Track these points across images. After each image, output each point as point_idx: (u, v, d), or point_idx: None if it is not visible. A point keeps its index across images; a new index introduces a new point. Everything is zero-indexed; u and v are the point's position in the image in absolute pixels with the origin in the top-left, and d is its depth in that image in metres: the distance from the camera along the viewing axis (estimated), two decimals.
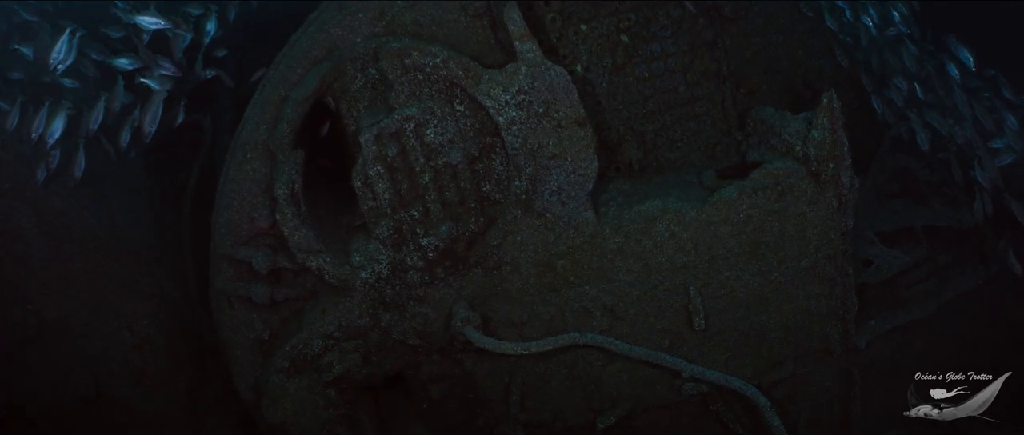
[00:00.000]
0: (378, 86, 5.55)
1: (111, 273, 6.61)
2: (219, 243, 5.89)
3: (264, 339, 6.04)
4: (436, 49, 5.28)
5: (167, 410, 6.69)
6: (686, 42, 6.25)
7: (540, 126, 5.25)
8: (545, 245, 5.52)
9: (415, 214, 5.46)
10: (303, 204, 5.59)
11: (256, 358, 6.07)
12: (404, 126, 5.30)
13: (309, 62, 5.59)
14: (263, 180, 5.71)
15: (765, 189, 5.58)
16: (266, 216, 5.68)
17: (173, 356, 6.76)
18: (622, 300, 5.65)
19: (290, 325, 5.99)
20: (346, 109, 5.66)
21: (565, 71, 5.21)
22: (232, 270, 5.93)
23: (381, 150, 5.32)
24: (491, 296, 5.66)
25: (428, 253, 5.51)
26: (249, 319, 6.01)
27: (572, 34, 6.08)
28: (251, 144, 5.69)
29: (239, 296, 5.95)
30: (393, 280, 5.58)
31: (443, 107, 5.32)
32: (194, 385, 6.81)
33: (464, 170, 5.42)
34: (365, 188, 5.47)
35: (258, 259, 5.78)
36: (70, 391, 6.45)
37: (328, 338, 5.78)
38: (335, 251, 5.68)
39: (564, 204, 5.45)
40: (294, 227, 5.53)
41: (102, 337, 6.57)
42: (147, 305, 6.72)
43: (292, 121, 5.53)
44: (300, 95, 5.51)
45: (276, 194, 5.47)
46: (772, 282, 5.79)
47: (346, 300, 5.72)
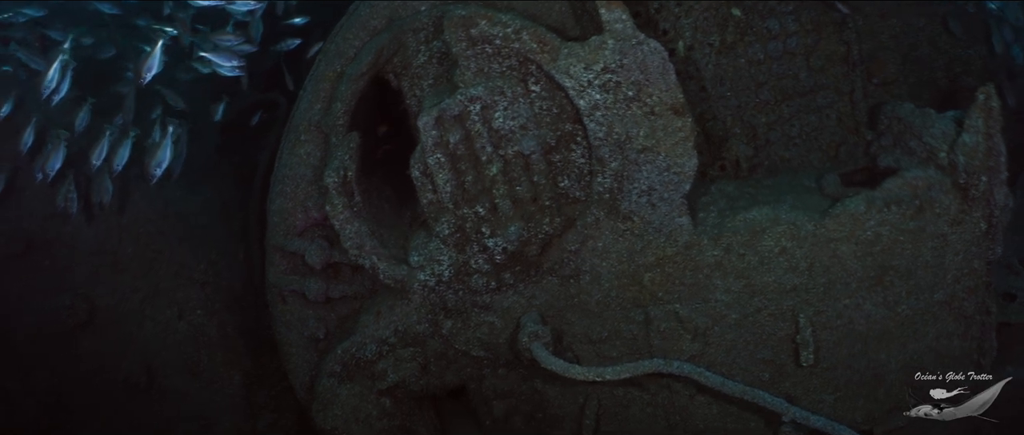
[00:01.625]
0: (444, 61, 5.05)
1: (163, 259, 6.37)
2: (272, 233, 5.58)
3: (319, 338, 5.69)
4: (508, 18, 4.76)
5: (221, 404, 6.43)
6: (810, 20, 5.75)
7: (629, 112, 4.70)
8: (631, 254, 4.98)
9: (481, 211, 5.00)
10: (358, 194, 5.17)
11: (311, 357, 5.72)
12: (469, 108, 4.80)
13: (367, 33, 5.16)
14: (317, 165, 5.36)
15: (900, 203, 4.77)
16: (320, 205, 5.31)
17: (229, 349, 6.49)
18: (718, 323, 5.02)
19: (348, 325, 5.63)
20: (408, 88, 5.20)
21: (661, 47, 4.65)
22: (285, 263, 5.62)
23: (442, 136, 4.85)
24: (566, 308, 5.18)
25: (495, 256, 5.05)
26: (303, 316, 5.68)
27: (674, 5, 5.60)
28: (305, 125, 5.33)
29: (293, 291, 5.63)
30: (455, 284, 5.17)
31: (515, 87, 4.82)
32: (250, 380, 6.52)
33: (538, 162, 4.91)
34: (424, 179, 4.97)
35: (312, 253, 5.45)
36: (121, 380, 6.25)
37: (383, 343, 5.36)
38: (392, 248, 5.24)
39: (655, 207, 4.88)
40: (345, 220, 5.09)
41: (155, 325, 6.35)
42: (201, 294, 6.46)
43: (346, 100, 5.10)
44: (356, 71, 5.08)
45: (325, 182, 5.06)
46: (898, 315, 4.96)
47: (403, 303, 5.28)
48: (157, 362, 6.30)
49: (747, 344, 5.05)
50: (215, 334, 6.45)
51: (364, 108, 5.38)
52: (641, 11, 5.69)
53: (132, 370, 6.23)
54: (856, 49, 5.81)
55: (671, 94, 4.71)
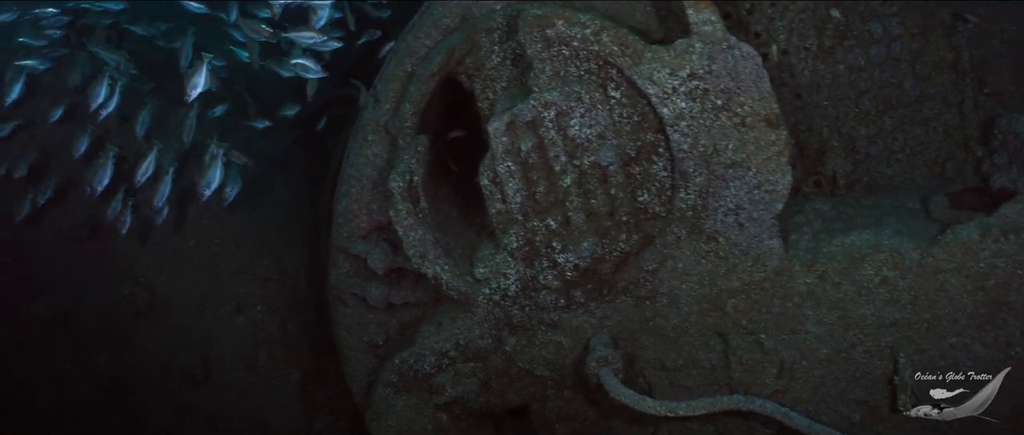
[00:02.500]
0: (519, 63, 4.76)
1: (226, 253, 6.38)
2: (336, 234, 5.41)
3: (378, 344, 5.54)
4: (587, 18, 4.46)
5: (277, 402, 6.40)
6: (916, 22, 5.38)
7: (717, 123, 4.37)
8: (714, 277, 4.66)
9: (552, 224, 4.73)
10: (424, 200, 4.94)
11: (369, 362, 5.57)
12: (543, 114, 4.52)
13: (440, 32, 4.92)
14: (384, 168, 5.17)
15: (1019, 232, 4.32)
16: (385, 209, 5.08)
17: (289, 346, 6.46)
18: (806, 358, 4.65)
19: (408, 333, 5.44)
20: (480, 90, 4.94)
21: (754, 52, 4.31)
22: (348, 265, 5.45)
23: (514, 142, 4.59)
24: (640, 331, 4.89)
25: (565, 272, 4.78)
26: (364, 320, 5.53)
27: (767, 6, 5.23)
28: (372, 126, 5.14)
29: (354, 294, 5.47)
30: (522, 299, 4.93)
31: (593, 92, 4.53)
32: (308, 379, 6.48)
33: (616, 174, 4.63)
34: (493, 187, 4.73)
35: (375, 256, 5.26)
36: (178, 370, 6.28)
37: (442, 356, 5.15)
38: (457, 258, 5.01)
39: (743, 227, 4.54)
40: (409, 226, 4.87)
41: (215, 319, 6.37)
42: (263, 290, 6.43)
43: (416, 102, 4.89)
44: (426, 71, 4.85)
45: (390, 186, 4.85)
46: (1011, 358, 4.50)
47: (466, 316, 5.06)
48: (215, 355, 6.31)
49: (838, 382, 4.65)
50: (276, 331, 6.42)
51: (434, 110, 5.17)
52: (731, 12, 5.33)
53: (189, 361, 6.26)
54: (966, 55, 5.47)
55: (764, 104, 4.35)
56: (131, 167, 5.84)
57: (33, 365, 6.38)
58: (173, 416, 6.30)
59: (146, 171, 5.67)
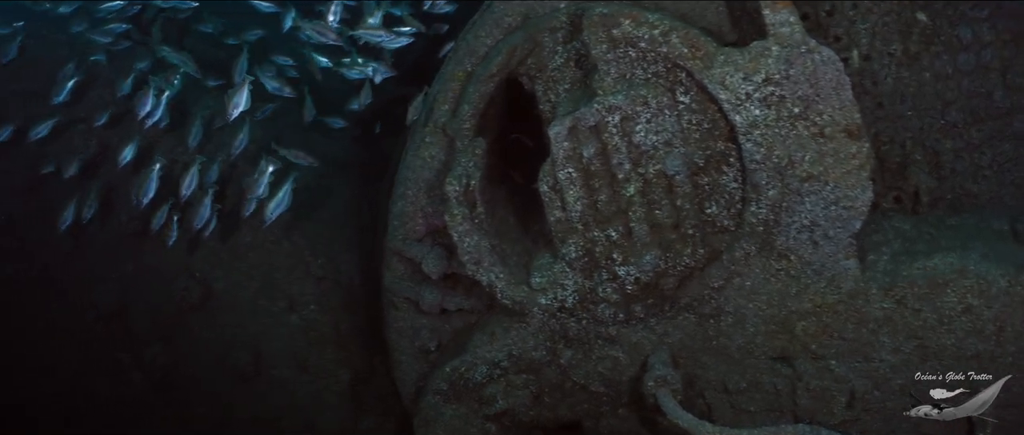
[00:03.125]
0: (583, 64, 4.58)
1: (281, 250, 6.36)
2: (391, 236, 5.31)
3: (430, 350, 5.43)
4: (656, 18, 4.24)
5: (326, 401, 6.35)
6: (1008, 28, 5.10)
7: (794, 133, 4.13)
8: (783, 297, 4.44)
9: (613, 235, 4.53)
10: (480, 204, 4.79)
11: (420, 368, 5.47)
12: (607, 119, 4.31)
13: (500, 31, 4.76)
14: (441, 170, 5.03)
15: None
16: (441, 212, 4.94)
17: (340, 346, 6.39)
18: (879, 388, 4.44)
19: (460, 340, 5.32)
20: (542, 92, 4.77)
21: (836, 56, 4.06)
22: (402, 268, 5.35)
23: (576, 148, 4.40)
24: (701, 350, 4.70)
25: (626, 285, 4.59)
26: (416, 325, 5.43)
27: (849, 7, 4.98)
28: (430, 127, 5.02)
29: (407, 298, 5.37)
30: (579, 312, 4.76)
31: (660, 97, 4.30)
32: (358, 380, 6.41)
33: (683, 184, 4.41)
34: (553, 194, 4.54)
35: (430, 261, 5.14)
36: (229, 366, 6.29)
37: (494, 366, 5.02)
38: (513, 266, 4.86)
39: (817, 246, 4.31)
40: (464, 232, 4.73)
41: (267, 316, 6.36)
42: (316, 289, 6.38)
43: (475, 103, 4.75)
44: (486, 71, 4.70)
45: (446, 190, 4.72)
46: None
47: (520, 327, 4.93)
48: (266, 353, 6.29)
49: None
50: (328, 330, 6.37)
51: (494, 112, 5.01)
52: (810, 13, 5.10)
53: (241, 358, 6.26)
54: None
55: (845, 113, 4.09)
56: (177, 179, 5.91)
57: (91, 355, 6.49)
58: (223, 412, 6.31)
59: (190, 184, 5.69)
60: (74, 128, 6.38)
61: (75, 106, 6.40)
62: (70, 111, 6.39)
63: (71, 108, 6.39)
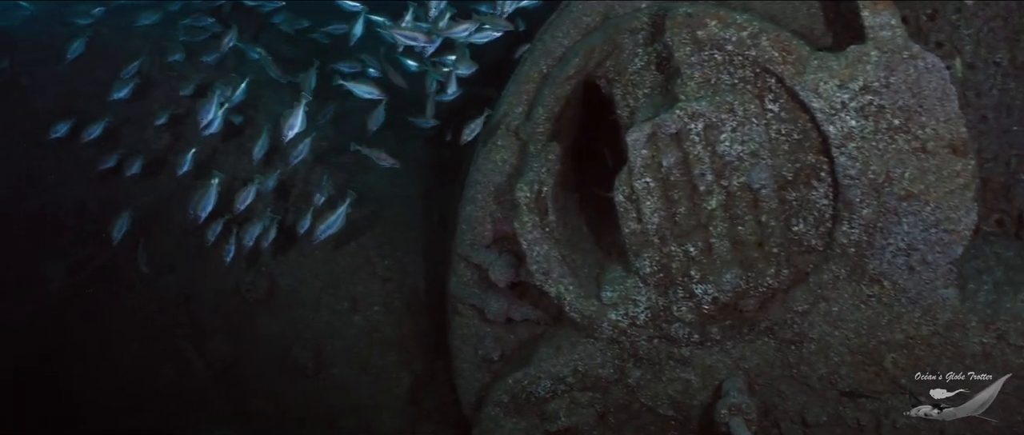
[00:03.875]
0: (664, 68, 4.38)
1: (347, 249, 6.26)
2: (459, 241, 5.20)
3: (493, 359, 5.29)
4: (744, 19, 4.04)
5: (385, 403, 6.24)
6: None
7: (892, 147, 3.89)
8: (874, 326, 4.19)
9: (692, 250, 4.32)
10: (552, 212, 4.63)
11: (482, 377, 5.35)
12: (689, 126, 4.12)
13: (578, 32, 4.61)
14: (512, 174, 4.90)
15: None
16: (511, 218, 4.81)
17: (402, 349, 6.27)
18: (973, 429, 4.18)
19: (525, 352, 5.16)
20: (620, 96, 4.58)
21: (941, 63, 3.82)
22: (469, 274, 5.25)
23: (655, 156, 4.22)
24: (780, 378, 4.48)
25: (702, 304, 4.39)
26: (480, 333, 5.31)
27: (951, 9, 4.60)
28: (503, 129, 4.90)
29: (473, 305, 5.26)
30: (651, 330, 4.58)
31: (748, 104, 4.10)
32: (419, 385, 6.26)
33: (769, 198, 4.18)
34: (629, 205, 4.36)
35: (497, 268, 5.01)
36: (291, 362, 6.23)
37: (559, 381, 4.85)
38: (583, 278, 4.69)
39: (913, 271, 4.04)
40: (534, 240, 4.58)
41: (331, 314, 6.28)
42: (381, 290, 6.27)
43: (550, 106, 4.61)
44: (563, 73, 4.55)
45: (517, 195, 4.57)
46: None
47: (588, 342, 4.76)
48: (328, 351, 6.23)
49: None
50: (390, 332, 6.27)
51: (569, 116, 4.87)
52: (909, 17, 4.77)
53: (303, 354, 6.19)
54: None
55: (951, 126, 3.84)
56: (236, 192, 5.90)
57: (156, 343, 6.54)
58: (281, 407, 6.28)
59: (245, 199, 5.68)
60: (143, 122, 6.45)
61: (147, 100, 6.48)
62: (141, 105, 6.47)
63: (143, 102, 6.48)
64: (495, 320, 5.14)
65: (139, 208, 6.29)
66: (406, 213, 6.64)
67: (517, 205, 4.57)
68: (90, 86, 6.45)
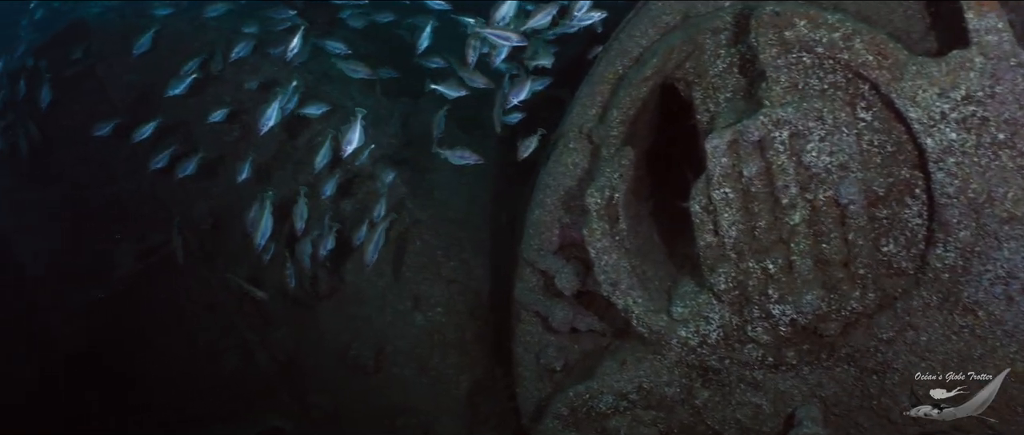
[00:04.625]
0: (748, 71, 4.17)
1: (413, 248, 6.18)
2: (525, 245, 5.08)
3: (555, 369, 5.13)
4: (836, 19, 3.81)
5: (443, 406, 6.16)
6: None
7: (996, 163, 3.61)
8: (965, 360, 3.89)
9: (771, 267, 4.08)
10: (623, 220, 4.47)
11: (543, 387, 5.20)
12: (773, 134, 3.90)
13: (657, 31, 4.44)
14: (583, 179, 4.74)
15: None
16: (580, 225, 4.67)
17: (463, 352, 6.18)
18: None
19: (588, 364, 4.99)
20: (700, 100, 4.38)
21: None
22: (534, 280, 5.12)
23: (735, 165, 4.01)
24: (859, 409, 4.20)
25: (779, 326, 4.15)
26: (543, 341, 5.16)
27: None
28: (575, 132, 4.76)
29: (537, 312, 5.11)
30: (722, 349, 4.37)
31: (838, 112, 3.89)
32: (478, 389, 6.17)
33: (857, 215, 3.93)
34: (705, 216, 4.15)
35: (563, 276, 4.87)
36: (352, 358, 6.20)
37: (622, 397, 4.66)
38: (653, 291, 4.51)
39: (1012, 302, 3.73)
40: (602, 249, 4.42)
41: (393, 313, 6.22)
42: (445, 291, 6.17)
43: (625, 108, 4.45)
44: (639, 75, 4.38)
45: (587, 201, 4.42)
46: None
47: (655, 358, 4.56)
48: (388, 350, 6.18)
49: None
50: (452, 335, 6.18)
51: (645, 120, 4.71)
52: (1016, 21, 4.40)
53: (364, 351, 6.16)
54: None
55: None
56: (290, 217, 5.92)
57: (222, 333, 6.62)
58: (339, 402, 6.27)
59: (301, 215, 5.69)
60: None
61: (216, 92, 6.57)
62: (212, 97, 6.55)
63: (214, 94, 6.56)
64: (559, 329, 4.99)
65: (211, 198, 6.37)
66: (475, 214, 6.55)
67: (587, 211, 4.43)
68: (163, 76, 6.52)
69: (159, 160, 6.27)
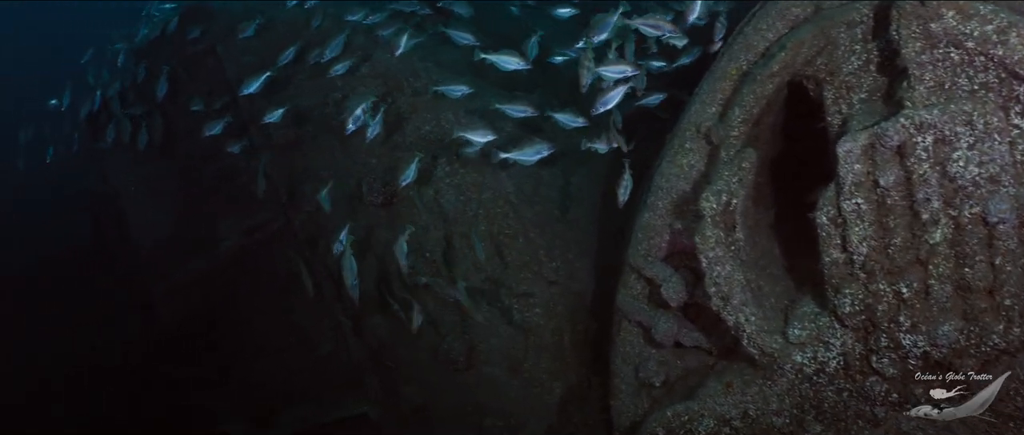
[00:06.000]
0: (887, 69, 3.80)
1: (514, 246, 5.95)
2: (632, 250, 4.82)
3: (654, 385, 4.83)
4: (989, 9, 3.44)
5: (533, 411, 5.90)
6: None
7: None
8: None
9: (904, 291, 3.67)
10: (741, 229, 4.14)
11: (639, 403, 4.91)
12: (916, 139, 3.51)
13: (785, 24, 4.13)
14: (698, 182, 4.45)
15: None
16: (692, 232, 4.35)
17: (558, 357, 5.90)
18: None
19: (690, 382, 4.68)
20: (831, 99, 4.02)
21: None
22: (639, 287, 4.84)
23: (870, 173, 3.63)
24: None
25: (909, 358, 3.74)
26: (644, 354, 4.88)
27: None
28: (692, 131, 4.46)
29: (639, 322, 4.83)
30: (842, 380, 4.00)
31: (989, 116, 3.50)
32: (570, 397, 5.87)
33: (1008, 236, 3.53)
34: (833, 229, 3.77)
35: (671, 285, 4.57)
36: (442, 352, 6.01)
37: (723, 423, 4.31)
38: (768, 309, 4.14)
39: None
40: (715, 258, 4.08)
41: (489, 310, 5.99)
42: (545, 292, 5.90)
43: (748, 107, 4.13)
44: (765, 70, 4.05)
45: (701, 205, 4.11)
46: None
47: (765, 383, 4.20)
48: (481, 347, 6.00)
49: None
50: (548, 338, 5.94)
51: (769, 122, 4.39)
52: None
53: (455, 347, 5.99)
54: None
55: None
56: None
57: (316, 317, 6.58)
58: (428, 396, 6.12)
59: (402, 252, 5.57)
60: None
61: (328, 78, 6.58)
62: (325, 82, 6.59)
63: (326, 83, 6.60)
64: (662, 342, 4.69)
65: (317, 180, 6.38)
66: (581, 215, 6.28)
67: (701, 217, 4.12)
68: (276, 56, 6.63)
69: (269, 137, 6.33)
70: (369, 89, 6.19)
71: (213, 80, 6.96)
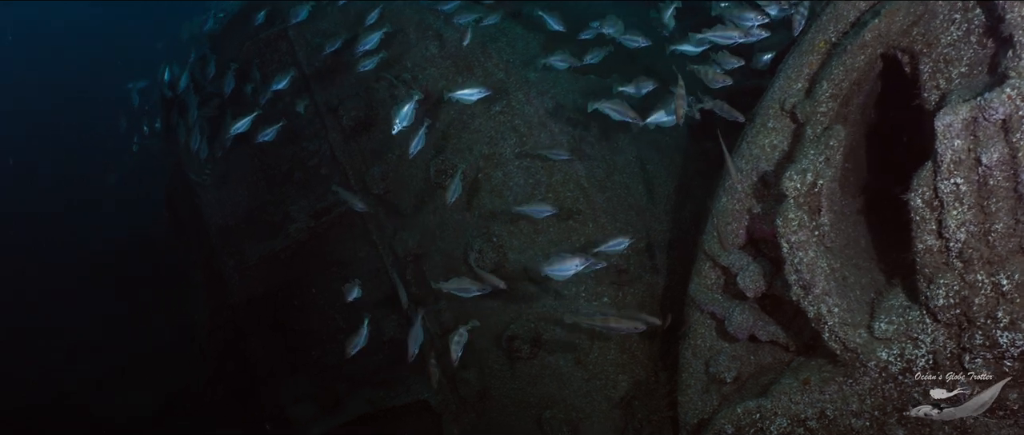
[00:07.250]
0: (991, 38, 3.47)
1: (584, 231, 5.74)
2: (706, 237, 4.56)
3: (725, 380, 4.57)
4: None
5: (595, 405, 5.74)
6: None
7: None
8: None
9: (1005, 283, 3.32)
10: (826, 212, 3.82)
11: (708, 400, 4.65)
12: (1023, 113, 3.14)
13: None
14: (781, 163, 4.15)
15: None
16: (773, 217, 4.01)
17: (625, 350, 5.70)
18: None
19: (764, 379, 4.38)
20: (928, 73, 3.68)
21: None
22: (713, 276, 4.60)
23: (971, 150, 3.28)
24: None
25: (1006, 358, 3.39)
26: (716, 347, 4.64)
27: None
28: (776, 108, 4.15)
29: (713, 313, 4.59)
30: (931, 381, 3.65)
31: None
32: (636, 391, 5.65)
33: None
34: (928, 212, 3.43)
35: (748, 274, 4.30)
36: (507, 339, 5.87)
37: (798, 423, 3.98)
38: (853, 301, 3.80)
39: None
40: (797, 243, 3.74)
41: (555, 298, 5.84)
42: (613, 280, 5.67)
43: (837, 81, 3.79)
44: (856, 41, 3.73)
45: (784, 187, 3.79)
46: None
47: (846, 381, 3.85)
48: (546, 336, 5.84)
49: None
50: None
51: (859, 101, 4.04)
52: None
53: (520, 334, 5.84)
54: None
55: None
56: None
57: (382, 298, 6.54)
58: (489, 383, 6.04)
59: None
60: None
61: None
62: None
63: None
64: (736, 335, 4.42)
65: (386, 164, 6.33)
66: (657, 203, 6.04)
67: (783, 197, 3.80)
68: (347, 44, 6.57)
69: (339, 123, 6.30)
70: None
71: (284, 64, 6.96)
